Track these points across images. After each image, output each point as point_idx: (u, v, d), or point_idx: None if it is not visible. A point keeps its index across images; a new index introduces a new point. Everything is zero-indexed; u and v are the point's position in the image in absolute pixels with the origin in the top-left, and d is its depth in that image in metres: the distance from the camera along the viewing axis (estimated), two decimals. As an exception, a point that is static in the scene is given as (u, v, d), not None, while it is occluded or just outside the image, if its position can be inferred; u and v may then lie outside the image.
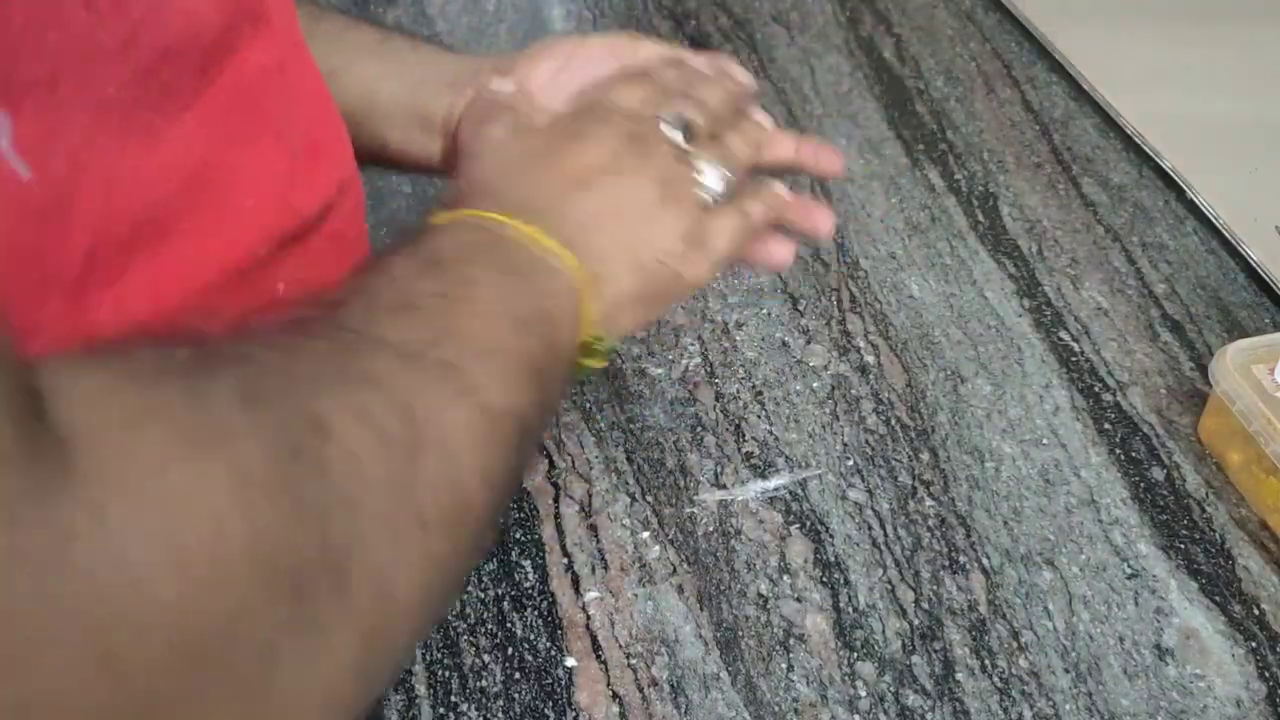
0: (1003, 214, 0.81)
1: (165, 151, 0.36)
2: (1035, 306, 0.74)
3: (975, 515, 0.61)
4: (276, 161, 0.41)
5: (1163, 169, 0.85)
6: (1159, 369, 0.70)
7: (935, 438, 0.65)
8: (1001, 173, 0.85)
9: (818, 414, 0.66)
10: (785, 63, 0.96)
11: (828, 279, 0.75)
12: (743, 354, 0.70)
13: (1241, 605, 0.58)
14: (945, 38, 1.00)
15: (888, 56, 0.97)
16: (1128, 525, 0.61)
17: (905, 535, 0.60)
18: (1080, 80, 0.94)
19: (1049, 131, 0.89)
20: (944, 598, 0.58)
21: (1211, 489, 0.64)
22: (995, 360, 0.70)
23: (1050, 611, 0.57)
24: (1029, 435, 0.66)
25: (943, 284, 0.75)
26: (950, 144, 0.88)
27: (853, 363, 0.70)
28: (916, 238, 0.79)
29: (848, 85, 0.93)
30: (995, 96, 0.93)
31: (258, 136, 0.40)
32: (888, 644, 0.56)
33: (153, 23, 0.34)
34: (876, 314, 0.73)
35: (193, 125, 0.37)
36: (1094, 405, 0.68)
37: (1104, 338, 0.72)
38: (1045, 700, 0.54)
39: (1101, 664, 0.55)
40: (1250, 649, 0.56)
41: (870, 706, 0.53)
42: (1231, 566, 0.60)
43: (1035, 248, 0.79)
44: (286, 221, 0.41)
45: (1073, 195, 0.83)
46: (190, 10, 0.35)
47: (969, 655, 0.55)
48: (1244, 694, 0.54)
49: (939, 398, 0.68)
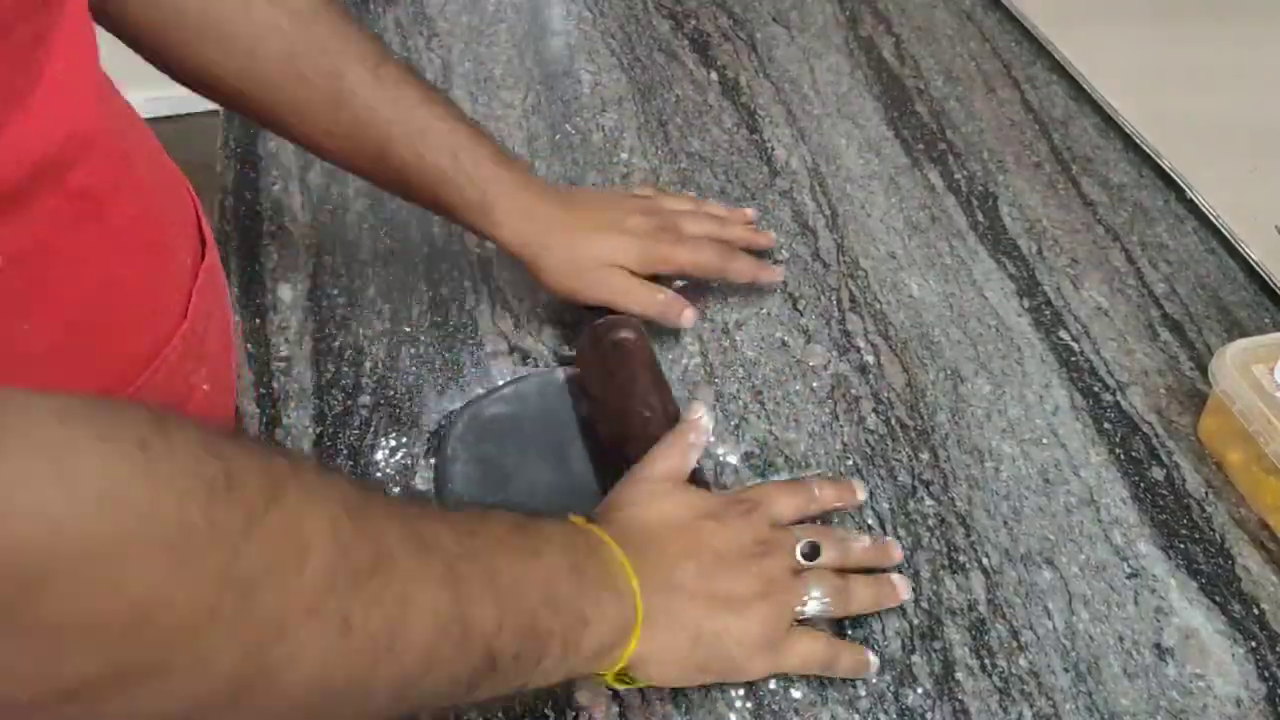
0: (1003, 214, 0.81)
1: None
2: (1035, 306, 0.74)
3: (975, 515, 0.61)
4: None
5: (1163, 169, 0.85)
6: (1159, 369, 0.70)
7: (935, 437, 0.65)
8: (1001, 172, 0.85)
9: (818, 414, 0.66)
10: (785, 63, 0.96)
11: (828, 279, 0.75)
12: (743, 354, 0.70)
13: (1241, 605, 0.58)
14: (945, 37, 1.00)
15: (888, 56, 0.97)
16: (1127, 525, 0.61)
17: (905, 535, 0.60)
18: (1080, 80, 0.94)
19: (1049, 131, 0.89)
20: (944, 597, 0.58)
21: (1211, 489, 0.64)
22: (995, 360, 0.70)
23: (1050, 611, 0.57)
24: (1029, 435, 0.66)
25: (943, 284, 0.75)
26: (950, 144, 0.88)
27: (853, 362, 0.70)
28: (916, 238, 0.79)
29: (848, 85, 0.93)
30: (995, 96, 0.93)
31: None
32: (888, 644, 0.56)
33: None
34: (876, 314, 0.73)
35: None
36: (1094, 405, 0.68)
37: (1104, 337, 0.72)
38: (1045, 700, 0.54)
39: (1101, 663, 0.55)
40: (1250, 648, 0.56)
41: (870, 706, 0.53)
42: (1231, 566, 0.60)
43: (1035, 247, 0.79)
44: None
45: (1073, 195, 0.83)
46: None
47: (969, 655, 0.55)
48: (1244, 693, 0.54)
49: (939, 397, 0.68)
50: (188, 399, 0.45)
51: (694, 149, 0.86)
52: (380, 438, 0.63)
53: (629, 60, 0.95)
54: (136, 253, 0.41)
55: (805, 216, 0.80)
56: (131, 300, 0.41)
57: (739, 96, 0.91)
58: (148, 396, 0.41)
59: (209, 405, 0.47)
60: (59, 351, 0.38)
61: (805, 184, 0.83)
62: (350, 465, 0.62)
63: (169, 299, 0.44)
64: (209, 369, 0.47)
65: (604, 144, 0.86)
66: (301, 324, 0.70)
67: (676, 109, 0.90)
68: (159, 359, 0.42)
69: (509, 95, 0.90)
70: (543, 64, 0.94)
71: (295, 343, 0.69)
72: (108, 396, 0.29)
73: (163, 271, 0.43)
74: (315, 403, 0.65)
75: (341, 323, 0.70)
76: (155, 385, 0.41)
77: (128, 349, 0.41)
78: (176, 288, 0.44)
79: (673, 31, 0.99)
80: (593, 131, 0.87)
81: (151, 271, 0.42)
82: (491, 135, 0.66)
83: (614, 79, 0.93)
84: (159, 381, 0.42)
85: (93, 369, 0.39)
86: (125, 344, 0.41)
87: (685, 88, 0.92)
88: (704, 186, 0.82)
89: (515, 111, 0.88)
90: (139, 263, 0.41)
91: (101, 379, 0.40)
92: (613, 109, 0.89)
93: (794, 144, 0.87)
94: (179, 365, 0.43)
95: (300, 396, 0.65)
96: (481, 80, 0.91)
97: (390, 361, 0.67)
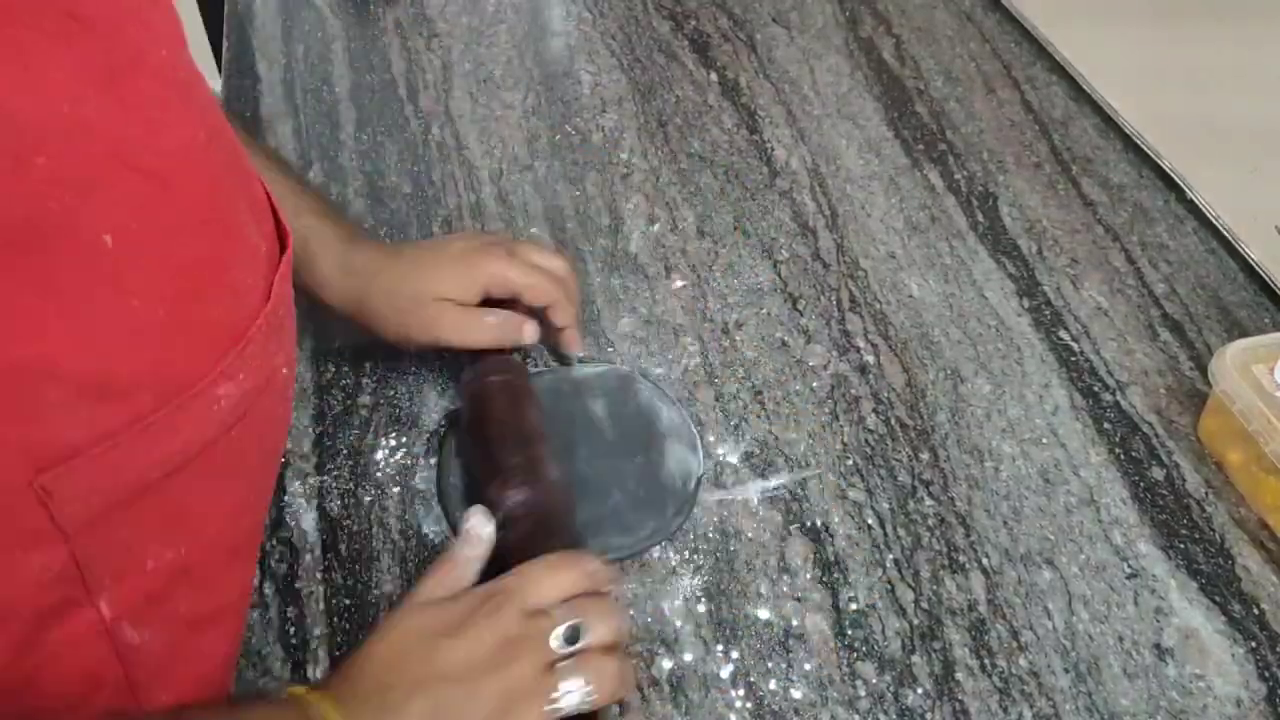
0: (1002, 214, 0.81)
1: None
2: (1035, 306, 0.74)
3: (975, 515, 0.61)
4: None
5: (1163, 169, 0.85)
6: (1159, 369, 0.70)
7: (935, 437, 0.65)
8: (1001, 173, 0.85)
9: (818, 414, 0.66)
10: (785, 63, 0.96)
11: (828, 279, 0.75)
12: (743, 354, 0.70)
13: (1241, 605, 0.58)
14: (945, 38, 1.00)
15: (888, 57, 0.97)
16: (1127, 525, 0.61)
17: (905, 535, 0.60)
18: (1080, 80, 0.94)
19: (1049, 131, 0.90)
20: (944, 598, 0.58)
21: (1211, 489, 0.64)
22: (995, 360, 0.70)
23: (1050, 611, 0.57)
24: (1029, 435, 0.66)
25: (942, 284, 0.75)
26: (950, 144, 0.88)
27: (852, 363, 0.70)
28: (916, 238, 0.79)
29: (848, 85, 0.93)
30: (995, 96, 0.93)
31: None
32: (888, 644, 0.56)
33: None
34: (876, 314, 0.73)
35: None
36: (1094, 405, 0.68)
37: (1104, 337, 0.72)
38: (1045, 700, 0.54)
39: (1101, 664, 0.55)
40: (1250, 649, 0.56)
41: (870, 706, 0.53)
42: (1231, 566, 0.60)
43: (1035, 248, 0.79)
44: None
45: (1073, 195, 0.83)
46: None
47: (969, 655, 0.55)
48: (1244, 694, 0.54)
49: (939, 397, 0.68)
50: (272, 378, 0.45)
51: (694, 149, 0.86)
52: (380, 438, 0.63)
53: (629, 61, 0.95)
54: (217, 233, 0.42)
55: (805, 216, 0.80)
56: (217, 279, 0.42)
57: (739, 97, 0.91)
58: (239, 374, 0.42)
59: (286, 387, 0.49)
60: (159, 327, 0.39)
61: (805, 184, 0.83)
62: (350, 465, 0.62)
63: (251, 280, 0.44)
64: (285, 355, 0.47)
65: (604, 144, 0.86)
66: (301, 324, 0.70)
67: (676, 109, 0.90)
68: (246, 337, 0.43)
69: (509, 95, 0.90)
70: (543, 64, 0.94)
71: (295, 342, 0.68)
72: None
73: (240, 252, 0.44)
74: (315, 403, 0.65)
75: (341, 322, 0.70)
76: (245, 362, 0.43)
77: (218, 327, 0.42)
78: (255, 271, 0.45)
79: (673, 32, 0.99)
80: (593, 132, 0.87)
81: (229, 251, 0.43)
82: (319, 191, 0.63)
83: (614, 79, 0.93)
84: (248, 358, 0.43)
85: (189, 344, 0.41)
86: (215, 322, 0.42)
87: (685, 88, 0.92)
88: (704, 186, 0.82)
89: (515, 112, 0.88)
90: (221, 243, 0.43)
91: (197, 355, 0.41)
92: (613, 109, 0.89)
93: (794, 144, 0.87)
94: (264, 345, 0.44)
95: (300, 396, 0.65)
96: (481, 80, 0.91)
97: (390, 361, 0.67)
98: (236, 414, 0.42)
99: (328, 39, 0.95)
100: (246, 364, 0.43)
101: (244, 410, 0.43)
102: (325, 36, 0.95)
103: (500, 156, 0.84)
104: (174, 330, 0.40)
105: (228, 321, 0.43)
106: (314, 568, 0.57)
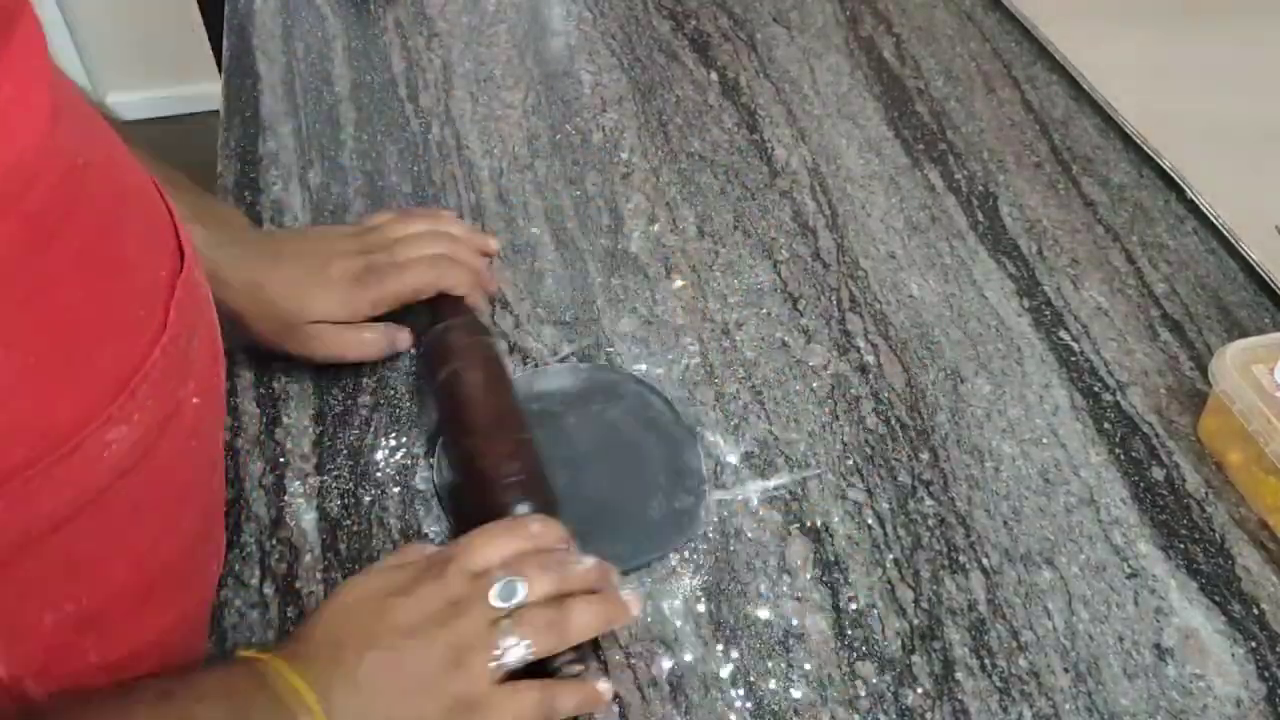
0: (1003, 214, 0.81)
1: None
2: (1035, 306, 0.74)
3: (975, 515, 0.61)
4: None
5: (1163, 169, 0.85)
6: (1159, 369, 0.70)
7: (935, 437, 0.65)
8: (1001, 172, 0.85)
9: (817, 414, 0.66)
10: (785, 63, 0.96)
11: (828, 279, 0.75)
12: (743, 354, 0.70)
13: (1241, 605, 0.58)
14: (945, 38, 1.00)
15: (888, 56, 0.97)
16: (1127, 525, 0.61)
17: (905, 535, 0.60)
18: (1080, 80, 0.94)
19: (1049, 131, 0.90)
20: (944, 597, 0.58)
21: (1211, 489, 0.64)
22: (995, 360, 0.70)
23: (1050, 611, 0.57)
24: (1029, 435, 0.66)
25: (943, 284, 0.75)
26: (950, 144, 0.88)
27: (852, 362, 0.70)
28: (916, 238, 0.79)
29: (848, 85, 0.93)
30: (995, 96, 0.93)
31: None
32: (888, 644, 0.56)
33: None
34: (876, 314, 0.73)
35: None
36: (1094, 405, 0.68)
37: (1104, 337, 0.72)
38: (1045, 700, 0.54)
39: (1101, 664, 0.55)
40: (1250, 649, 0.56)
41: (870, 706, 0.53)
42: (1231, 566, 0.60)
43: (1035, 247, 0.79)
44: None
45: (1073, 195, 0.83)
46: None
47: (969, 655, 0.55)
48: (1244, 694, 0.54)
49: (939, 397, 0.68)
50: (177, 413, 0.44)
51: (694, 149, 0.86)
52: (380, 438, 0.63)
53: (629, 60, 0.95)
54: (98, 272, 0.40)
55: (805, 216, 0.80)
56: (100, 320, 0.40)
57: (739, 96, 0.91)
58: (132, 415, 0.40)
59: (198, 419, 0.47)
60: (33, 377, 0.37)
61: (805, 184, 0.83)
62: (350, 465, 0.62)
63: (142, 316, 0.42)
64: (197, 383, 0.46)
65: (604, 144, 0.86)
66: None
67: (677, 109, 0.90)
68: (139, 376, 0.41)
69: (509, 95, 0.90)
70: (543, 64, 0.94)
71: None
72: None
73: (130, 289, 0.42)
74: (315, 403, 0.65)
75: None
76: (138, 402, 0.40)
77: (104, 370, 0.40)
78: (148, 304, 0.43)
79: (673, 32, 0.99)
80: (593, 131, 0.87)
81: (117, 290, 0.41)
82: (195, 186, 0.61)
83: (614, 79, 0.93)
84: (141, 398, 0.41)
85: (70, 392, 0.38)
86: (100, 365, 0.40)
87: (685, 88, 0.92)
88: (704, 186, 0.82)
89: (515, 111, 0.88)
90: (103, 282, 0.40)
91: (80, 402, 0.39)
92: (613, 109, 0.89)
93: (794, 144, 0.87)
94: (162, 380, 0.42)
95: (300, 396, 0.65)
96: (481, 80, 0.91)
97: (390, 361, 0.67)
98: (133, 457, 0.41)
99: (328, 39, 0.95)
100: (140, 404, 0.41)
101: (142, 452, 0.41)
102: (325, 36, 0.95)
103: (500, 156, 0.84)
104: (49, 380, 0.38)
105: (115, 362, 0.41)
106: (314, 568, 0.57)
